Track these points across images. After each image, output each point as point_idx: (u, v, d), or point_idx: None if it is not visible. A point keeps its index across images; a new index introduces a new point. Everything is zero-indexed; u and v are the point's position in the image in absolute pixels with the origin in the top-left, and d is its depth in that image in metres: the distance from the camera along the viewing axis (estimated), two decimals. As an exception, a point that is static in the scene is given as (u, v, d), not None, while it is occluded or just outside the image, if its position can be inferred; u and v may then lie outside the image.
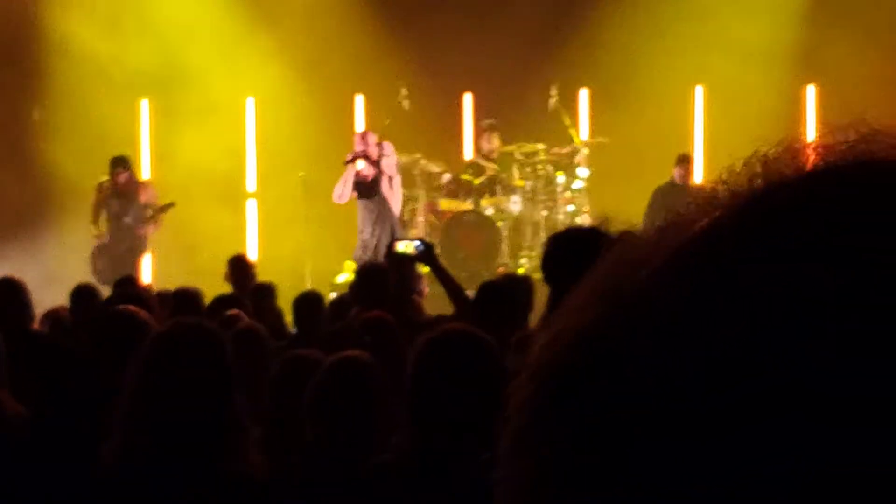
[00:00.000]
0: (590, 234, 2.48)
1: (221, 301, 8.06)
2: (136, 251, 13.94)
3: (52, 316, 8.00)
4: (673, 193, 13.37)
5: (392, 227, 12.85)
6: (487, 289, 6.64)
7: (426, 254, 7.54)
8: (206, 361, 3.48)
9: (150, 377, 3.48)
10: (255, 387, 4.42)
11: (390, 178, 12.99)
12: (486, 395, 3.25)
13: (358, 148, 13.04)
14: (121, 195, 13.98)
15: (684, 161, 13.80)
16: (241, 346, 4.54)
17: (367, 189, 12.95)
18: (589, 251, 2.40)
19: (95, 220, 14.12)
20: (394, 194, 13.03)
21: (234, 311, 6.99)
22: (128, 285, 8.70)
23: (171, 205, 13.86)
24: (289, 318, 8.63)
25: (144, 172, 15.52)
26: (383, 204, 12.94)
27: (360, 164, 12.88)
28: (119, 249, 13.85)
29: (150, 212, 13.94)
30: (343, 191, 12.96)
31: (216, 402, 3.45)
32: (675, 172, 13.73)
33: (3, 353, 4.49)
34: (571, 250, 2.49)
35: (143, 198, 14.03)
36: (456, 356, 3.30)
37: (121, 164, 13.99)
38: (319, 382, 3.95)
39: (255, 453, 3.53)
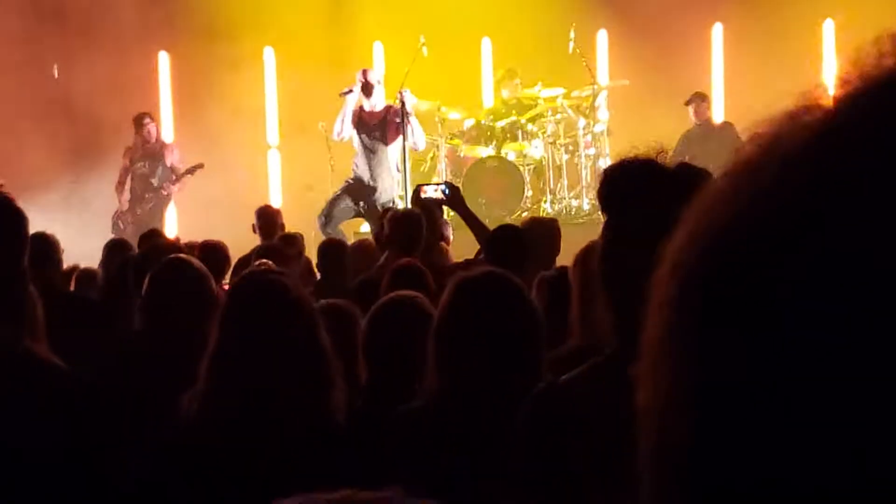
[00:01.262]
0: (647, 165, 2.49)
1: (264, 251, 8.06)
2: (158, 210, 13.99)
3: (82, 275, 8.06)
4: (696, 133, 13.37)
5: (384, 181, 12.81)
6: (500, 231, 6.65)
7: (453, 197, 7.54)
8: (289, 311, 3.56)
9: (235, 330, 3.56)
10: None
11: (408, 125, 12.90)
12: (515, 337, 3.28)
13: (358, 81, 12.93)
14: (147, 156, 14.05)
15: (696, 99, 13.74)
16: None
17: (369, 129, 12.88)
18: (645, 181, 2.44)
19: (121, 188, 14.21)
20: (413, 134, 12.83)
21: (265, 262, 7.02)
22: (155, 237, 8.75)
23: (199, 165, 13.91)
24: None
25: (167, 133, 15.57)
26: (384, 151, 12.83)
27: (353, 97, 12.73)
28: (143, 210, 13.92)
29: (177, 173, 14.00)
30: (341, 127, 12.86)
31: (302, 350, 3.52)
32: (690, 111, 13.70)
33: (39, 309, 4.54)
34: (629, 180, 2.50)
35: (170, 160, 14.10)
36: (486, 298, 3.30)
37: (147, 116, 14.08)
38: (377, 322, 4.02)
39: (342, 391, 3.59)
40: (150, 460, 3.67)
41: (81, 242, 10.30)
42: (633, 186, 2.50)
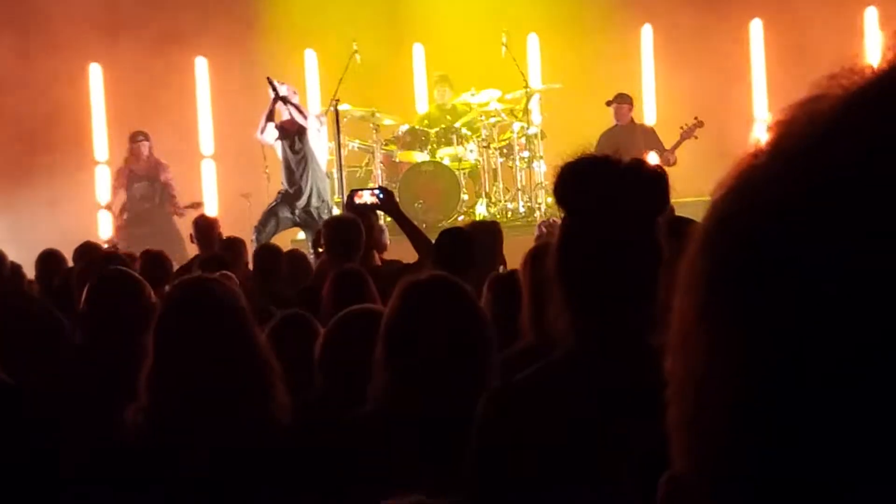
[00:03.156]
0: (602, 162, 2.51)
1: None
2: (170, 233, 13.84)
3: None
4: (616, 134, 13.41)
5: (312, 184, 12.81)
6: (447, 235, 6.66)
7: (388, 202, 7.54)
8: (221, 310, 3.56)
9: (168, 336, 3.55)
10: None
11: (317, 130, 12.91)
12: (464, 340, 3.28)
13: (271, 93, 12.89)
14: (143, 177, 14.06)
15: (617, 100, 13.79)
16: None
17: (290, 137, 12.85)
18: (601, 178, 2.47)
19: (111, 204, 14.23)
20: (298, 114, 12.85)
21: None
22: (92, 249, 8.69)
23: (199, 204, 13.91)
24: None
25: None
26: (308, 156, 12.83)
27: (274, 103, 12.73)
28: (154, 230, 13.84)
29: (170, 191, 13.99)
30: (263, 125, 12.81)
31: (239, 347, 3.53)
32: (612, 112, 13.73)
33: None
34: (585, 177, 2.52)
35: (163, 176, 14.13)
36: (434, 302, 3.31)
37: (142, 134, 14.08)
38: (335, 334, 4.02)
39: (283, 393, 3.59)
40: (94, 473, 3.65)
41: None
42: (589, 183, 2.52)
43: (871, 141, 0.66)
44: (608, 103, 13.75)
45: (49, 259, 8.07)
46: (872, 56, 0.73)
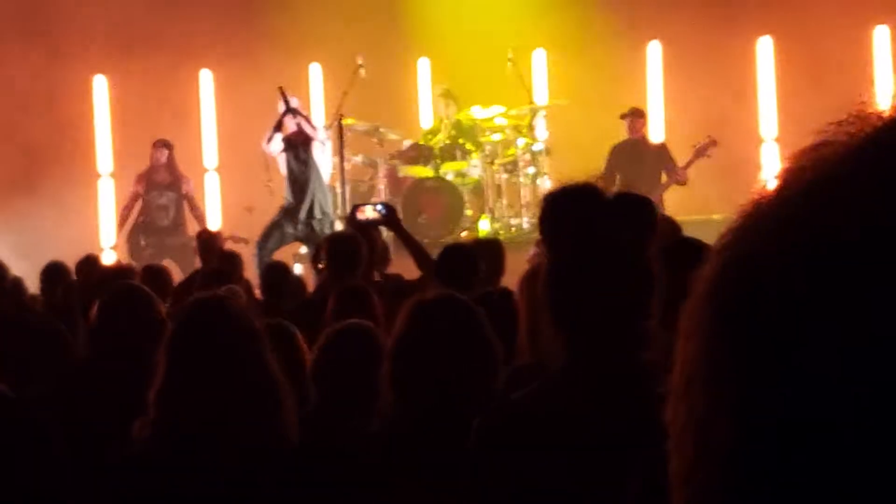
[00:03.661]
0: (586, 192, 2.51)
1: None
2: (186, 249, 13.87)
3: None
4: (628, 148, 13.43)
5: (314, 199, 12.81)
6: (451, 251, 6.65)
7: (389, 217, 7.52)
8: (235, 329, 3.54)
9: (181, 355, 3.53)
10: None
11: (322, 143, 12.94)
12: (471, 359, 3.28)
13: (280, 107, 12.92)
14: (162, 186, 14.09)
15: (632, 114, 13.82)
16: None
17: (296, 149, 12.86)
18: (585, 208, 2.46)
19: (126, 213, 14.23)
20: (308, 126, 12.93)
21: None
22: (93, 263, 8.68)
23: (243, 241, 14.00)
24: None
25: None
26: (312, 169, 12.87)
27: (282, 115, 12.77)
28: (170, 243, 13.86)
29: (192, 203, 14.10)
30: (271, 134, 12.85)
31: (251, 366, 3.51)
32: (626, 125, 13.76)
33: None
34: (569, 207, 2.51)
35: (185, 188, 14.17)
36: (442, 321, 3.31)
37: (165, 144, 14.12)
38: (328, 348, 4.01)
39: (292, 414, 3.57)
40: (101, 487, 3.64)
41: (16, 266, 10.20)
42: (573, 214, 2.52)
43: (876, 192, 0.65)
44: (622, 116, 13.78)
45: (53, 272, 8.06)
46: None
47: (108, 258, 13.48)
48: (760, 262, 0.67)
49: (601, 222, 2.49)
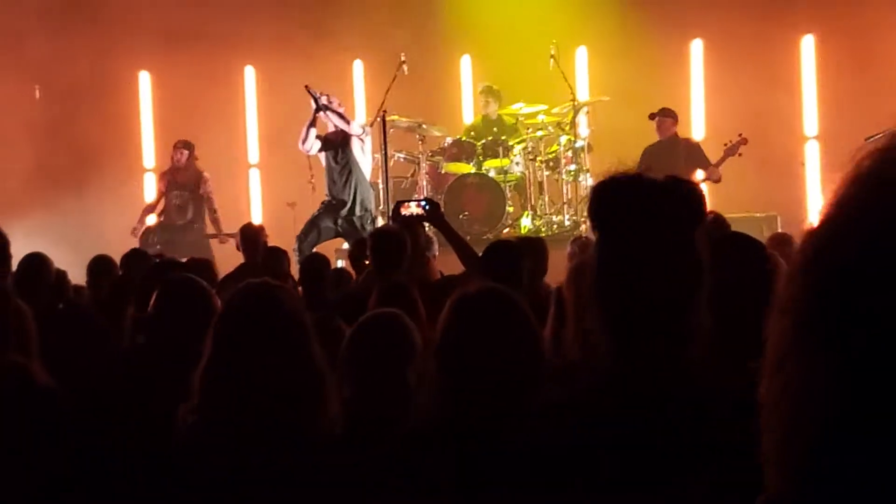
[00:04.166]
0: (636, 180, 2.50)
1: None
2: (201, 246, 13.98)
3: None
4: (659, 149, 13.35)
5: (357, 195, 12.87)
6: (496, 248, 6.65)
7: (433, 213, 7.53)
8: (282, 318, 3.56)
9: (228, 337, 3.56)
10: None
11: (361, 140, 12.96)
12: (517, 353, 3.26)
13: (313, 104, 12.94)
14: (181, 186, 14.16)
15: (660, 114, 13.74)
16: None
17: (335, 147, 12.93)
18: (635, 196, 2.47)
19: (150, 210, 14.33)
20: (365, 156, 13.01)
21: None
22: (140, 256, 8.75)
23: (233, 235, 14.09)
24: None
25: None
26: (352, 165, 12.92)
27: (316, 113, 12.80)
28: (182, 240, 13.95)
29: (210, 205, 14.15)
30: (305, 135, 12.89)
31: (297, 354, 3.53)
32: (655, 126, 13.68)
33: (30, 324, 4.55)
34: (619, 195, 2.51)
35: (203, 189, 14.22)
36: (487, 314, 3.29)
37: (185, 145, 14.19)
38: (355, 338, 4.03)
39: (336, 405, 3.58)
40: (147, 471, 3.68)
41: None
42: (623, 202, 2.51)
43: None
44: (651, 116, 13.70)
45: (99, 265, 8.13)
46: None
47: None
48: (859, 237, 0.70)
49: (651, 208, 2.48)
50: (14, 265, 6.69)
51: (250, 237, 9.93)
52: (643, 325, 2.48)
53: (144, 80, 16.15)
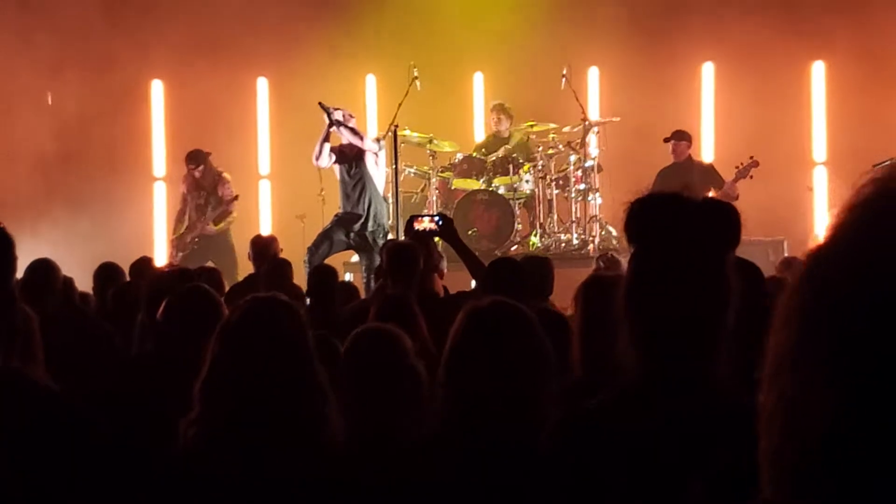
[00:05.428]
0: (673, 198, 2.52)
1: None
2: (211, 248, 14.01)
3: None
4: (674, 172, 13.37)
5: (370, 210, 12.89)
6: (500, 264, 6.66)
7: (445, 228, 7.55)
8: (285, 332, 3.56)
9: (229, 349, 3.56)
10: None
11: (375, 154, 12.97)
12: (526, 366, 3.26)
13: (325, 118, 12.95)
14: (202, 188, 14.19)
15: (674, 137, 13.77)
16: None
17: (349, 161, 12.94)
18: (672, 214, 2.47)
19: (181, 216, 14.33)
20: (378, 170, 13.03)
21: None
22: (146, 265, 8.79)
23: (235, 197, 14.12)
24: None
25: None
26: (366, 179, 12.94)
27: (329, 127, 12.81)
28: (199, 246, 14.01)
29: (225, 205, 14.14)
30: (319, 151, 12.89)
31: (297, 371, 3.53)
32: (670, 148, 13.72)
33: (35, 329, 4.57)
34: (657, 212, 2.52)
35: (220, 191, 14.24)
36: (497, 327, 3.30)
37: (192, 160, 14.20)
38: (346, 352, 4.04)
39: (337, 420, 3.58)
40: (148, 483, 3.68)
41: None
42: (660, 219, 2.52)
43: None
44: (666, 140, 13.73)
45: (107, 272, 8.15)
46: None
47: (160, 257, 13.63)
48: (854, 255, 0.74)
49: (689, 227, 2.50)
50: (21, 271, 6.73)
51: (260, 248, 9.95)
52: (672, 341, 2.49)
53: (157, 88, 16.20)
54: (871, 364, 0.70)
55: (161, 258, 13.79)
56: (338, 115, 12.74)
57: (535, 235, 13.67)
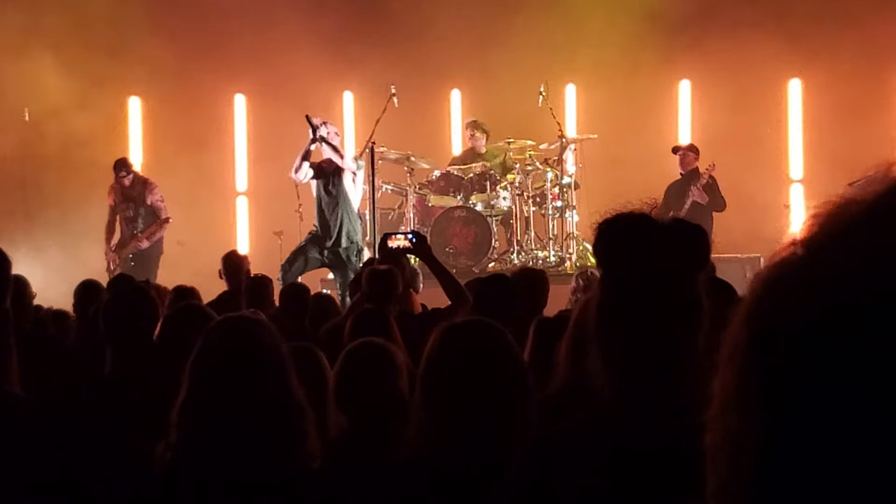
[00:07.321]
0: (641, 219, 2.53)
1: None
2: (148, 263, 13.91)
3: (54, 317, 8.06)
4: (679, 188, 13.52)
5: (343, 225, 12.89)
6: (490, 282, 6.66)
7: (419, 245, 7.57)
8: (261, 353, 3.54)
9: (205, 372, 3.53)
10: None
11: (353, 173, 12.92)
12: (502, 383, 3.26)
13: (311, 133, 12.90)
14: (128, 199, 14.02)
15: (684, 148, 13.89)
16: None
17: (326, 177, 12.89)
18: (640, 235, 2.49)
19: (110, 228, 14.18)
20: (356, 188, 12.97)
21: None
22: (125, 282, 8.75)
23: (166, 220, 13.96)
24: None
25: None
26: (341, 197, 12.91)
27: (311, 142, 12.74)
28: (135, 261, 13.90)
29: (157, 213, 14.00)
30: (299, 163, 12.78)
31: (274, 389, 3.51)
32: (678, 160, 13.83)
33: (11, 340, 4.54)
34: (624, 233, 2.53)
35: (150, 199, 14.07)
36: (472, 345, 3.30)
37: (121, 167, 14.05)
38: (344, 368, 4.04)
39: (315, 439, 3.56)
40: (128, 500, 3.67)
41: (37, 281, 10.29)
42: (628, 240, 2.53)
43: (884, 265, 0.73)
44: (674, 150, 13.87)
45: (87, 290, 8.13)
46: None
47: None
48: (794, 295, 0.74)
49: (657, 249, 2.51)
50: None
51: (233, 265, 9.89)
52: (641, 361, 2.50)
53: (134, 105, 16.17)
54: (814, 398, 0.72)
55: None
56: (323, 132, 12.68)
57: (513, 253, 13.69)
